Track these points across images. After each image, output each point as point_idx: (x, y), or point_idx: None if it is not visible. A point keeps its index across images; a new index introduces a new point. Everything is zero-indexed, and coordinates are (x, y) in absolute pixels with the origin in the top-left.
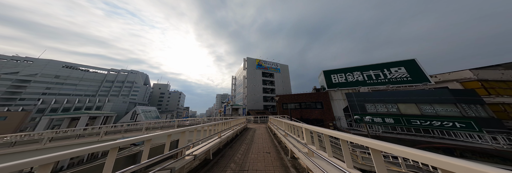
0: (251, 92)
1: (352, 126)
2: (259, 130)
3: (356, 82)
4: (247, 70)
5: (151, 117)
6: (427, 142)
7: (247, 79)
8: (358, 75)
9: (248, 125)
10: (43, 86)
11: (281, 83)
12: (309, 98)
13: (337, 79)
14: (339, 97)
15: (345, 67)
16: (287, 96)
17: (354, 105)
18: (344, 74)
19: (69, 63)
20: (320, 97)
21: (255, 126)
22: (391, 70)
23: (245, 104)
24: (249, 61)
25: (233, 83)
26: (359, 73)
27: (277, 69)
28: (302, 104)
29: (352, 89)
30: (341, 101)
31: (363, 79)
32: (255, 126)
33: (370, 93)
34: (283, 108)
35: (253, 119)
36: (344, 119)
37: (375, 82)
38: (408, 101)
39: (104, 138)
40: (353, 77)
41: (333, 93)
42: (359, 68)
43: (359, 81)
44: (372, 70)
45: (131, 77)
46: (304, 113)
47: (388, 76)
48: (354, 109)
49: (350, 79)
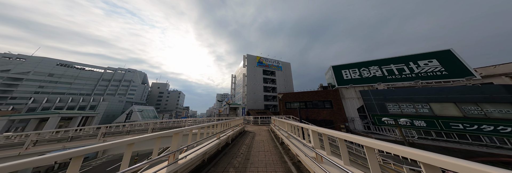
0: (251, 90)
1: (369, 129)
2: (259, 136)
3: (373, 78)
4: (247, 68)
5: (148, 116)
6: (489, 154)
7: (247, 77)
8: (375, 70)
9: (246, 127)
10: (35, 84)
11: (283, 82)
12: (316, 96)
13: (349, 75)
14: (352, 95)
15: (359, 62)
16: (291, 94)
17: (372, 104)
18: (357, 69)
19: (63, 61)
20: (329, 95)
21: (255, 128)
22: (419, 63)
23: (245, 103)
24: (249, 59)
25: (233, 82)
26: (376, 68)
27: (278, 67)
28: (308, 103)
29: (368, 86)
30: (354, 99)
31: (382, 75)
32: (255, 129)
33: (392, 91)
34: (286, 108)
35: (252, 119)
36: (358, 120)
37: (398, 78)
38: (444, 99)
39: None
40: (369, 72)
41: (344, 90)
42: (377, 62)
43: (377, 77)
44: (394, 64)
45: (129, 76)
46: (311, 113)
47: (415, 71)
48: (372, 109)
49: (366, 75)
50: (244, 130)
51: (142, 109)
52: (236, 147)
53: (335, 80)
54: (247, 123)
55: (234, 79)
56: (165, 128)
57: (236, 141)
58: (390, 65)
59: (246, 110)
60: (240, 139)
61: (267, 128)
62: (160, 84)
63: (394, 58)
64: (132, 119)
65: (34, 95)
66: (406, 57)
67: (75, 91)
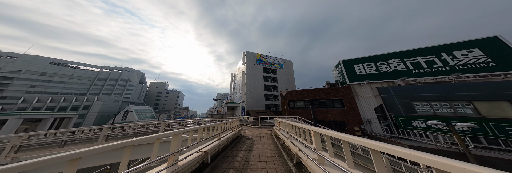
0: (251, 89)
1: (391, 132)
2: (260, 145)
3: (394, 73)
4: (247, 65)
5: (145, 117)
6: None
7: (246, 75)
8: (397, 64)
9: (244, 130)
10: (27, 84)
11: (285, 81)
12: (324, 94)
13: (363, 70)
14: (367, 92)
15: (376, 55)
16: (295, 92)
17: (394, 103)
18: (373, 63)
19: (57, 60)
20: (339, 92)
21: (254, 131)
22: (454, 54)
23: (244, 102)
24: (249, 56)
25: (232, 81)
26: (398, 61)
27: (280, 65)
28: (314, 102)
29: (388, 82)
30: (371, 98)
31: (406, 69)
32: (254, 133)
33: (421, 87)
34: (290, 107)
35: (251, 120)
36: (376, 122)
37: (428, 72)
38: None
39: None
40: (389, 66)
41: (358, 87)
42: (398, 54)
43: (400, 72)
44: (422, 56)
45: (126, 75)
46: (318, 113)
47: (450, 63)
48: (394, 109)
49: (384, 69)
50: (239, 134)
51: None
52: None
53: (346, 76)
54: (246, 124)
55: (233, 78)
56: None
57: (224, 156)
58: (416, 58)
59: (245, 109)
60: (230, 152)
61: (269, 131)
62: (159, 84)
63: (421, 50)
64: (128, 119)
65: (25, 94)
66: (436, 47)
67: (69, 91)
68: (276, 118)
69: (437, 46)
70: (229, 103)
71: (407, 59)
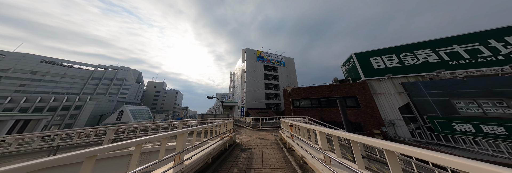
0: (250, 87)
1: (425, 137)
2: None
3: (423, 66)
4: (247, 62)
5: (142, 117)
6: None
7: (246, 73)
8: (427, 55)
9: (241, 135)
10: (16, 83)
11: (286, 79)
12: (334, 91)
13: (382, 63)
14: (388, 89)
15: (398, 45)
16: (300, 90)
17: (425, 101)
18: (395, 55)
19: (49, 58)
20: (352, 89)
21: (254, 137)
22: (508, 40)
23: (244, 102)
24: (248, 53)
25: (232, 80)
26: (428, 51)
27: (281, 63)
28: (322, 101)
29: (416, 76)
30: (393, 95)
31: (440, 60)
32: (254, 138)
33: (463, 81)
34: (294, 106)
35: (251, 122)
36: (402, 124)
37: (471, 63)
38: None
39: None
40: (417, 58)
41: (376, 83)
42: (428, 43)
43: (432, 64)
44: (460, 44)
45: (121, 74)
46: (327, 113)
47: (503, 51)
48: (426, 109)
49: (410, 61)
50: (234, 141)
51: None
52: None
53: (361, 71)
54: (245, 126)
55: (233, 77)
56: None
57: None
58: (453, 47)
59: (245, 109)
60: None
61: (273, 136)
62: (157, 83)
63: (460, 37)
64: (123, 119)
65: (14, 94)
66: (481, 33)
67: (61, 90)
68: (283, 119)
69: (482, 32)
70: (226, 102)
71: (440, 49)
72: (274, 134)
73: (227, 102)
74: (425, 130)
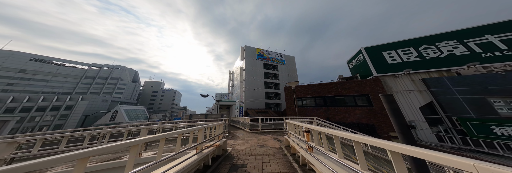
0: (250, 86)
1: (456, 142)
2: None
3: (449, 59)
4: (246, 60)
5: (137, 117)
6: None
7: (245, 71)
8: (453, 47)
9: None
10: (3, 81)
11: (287, 78)
12: (342, 89)
13: (398, 58)
14: (406, 86)
15: (417, 37)
16: (302, 88)
17: (454, 100)
18: (413, 48)
19: (39, 56)
20: (363, 87)
21: (253, 142)
22: None
23: (243, 101)
24: (247, 51)
25: (230, 79)
26: (454, 43)
27: (282, 61)
28: (328, 99)
29: (440, 71)
30: (412, 93)
31: (470, 52)
32: (252, 145)
33: (502, 76)
34: (297, 105)
35: (249, 123)
36: (424, 126)
37: (508, 54)
38: None
39: None
40: (440, 51)
41: (390, 80)
42: (454, 34)
43: (459, 57)
44: (494, 34)
45: (116, 73)
46: (334, 113)
47: None
48: (455, 108)
49: (432, 54)
50: (223, 151)
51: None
52: None
53: (372, 66)
54: (242, 127)
55: (231, 76)
56: None
57: None
58: (485, 37)
59: (243, 109)
60: None
61: (276, 142)
62: (154, 83)
63: (494, 25)
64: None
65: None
66: None
67: (53, 89)
68: (288, 120)
69: None
70: (223, 101)
71: (469, 40)
72: (277, 138)
73: (224, 100)
74: (454, 134)
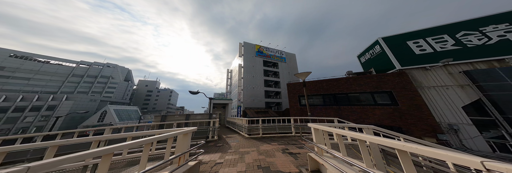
0: (248, 84)
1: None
2: None
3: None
4: (244, 57)
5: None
6: None
7: (243, 68)
8: (505, 31)
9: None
10: None
11: (287, 76)
12: (356, 85)
13: (428, 47)
14: (441, 81)
15: (452, 23)
16: (308, 84)
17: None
18: (448, 35)
19: (20, 53)
20: (384, 82)
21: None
22: None
23: (241, 100)
24: (246, 47)
25: (228, 77)
26: (506, 26)
27: (282, 59)
28: (340, 97)
29: (489, 61)
30: (451, 89)
31: None
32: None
33: None
34: (301, 104)
35: (246, 125)
36: (471, 130)
37: None
38: None
39: None
40: (487, 36)
41: (419, 74)
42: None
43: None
44: None
45: (107, 71)
46: (346, 113)
47: None
48: None
49: (476, 42)
50: None
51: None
52: None
53: (395, 58)
54: (238, 130)
55: (229, 74)
56: None
57: None
58: None
59: (242, 109)
60: None
61: (289, 158)
62: (149, 82)
63: None
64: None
65: None
66: None
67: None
68: (315, 125)
69: None
70: (216, 99)
71: None
72: (288, 149)
73: (218, 98)
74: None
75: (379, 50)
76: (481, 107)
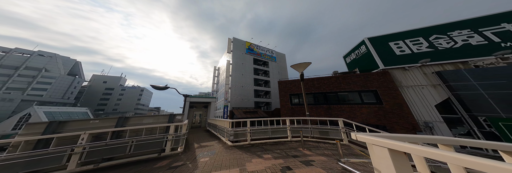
0: (237, 83)
1: (482, 148)
2: None
3: (464, 50)
4: (234, 54)
5: None
6: None
7: (232, 65)
8: (467, 36)
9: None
10: None
11: (277, 75)
12: (345, 83)
13: (407, 49)
14: (418, 80)
15: (426, 27)
16: (298, 82)
17: (478, 96)
18: (422, 38)
19: None
20: (370, 81)
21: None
22: None
23: (228, 99)
24: (236, 43)
25: (215, 75)
26: (468, 32)
27: (272, 58)
28: (330, 96)
29: (455, 63)
30: (426, 88)
31: (488, 42)
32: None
33: None
34: (292, 103)
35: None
36: (442, 127)
37: None
38: None
39: None
40: (453, 40)
41: (399, 73)
42: (467, 23)
43: (476, 46)
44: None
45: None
46: (336, 112)
47: None
48: (479, 106)
49: (445, 45)
50: None
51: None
52: None
53: (379, 58)
54: (220, 135)
55: (217, 72)
56: None
57: None
58: (502, 25)
59: (229, 109)
60: None
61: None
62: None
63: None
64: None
65: None
66: None
67: None
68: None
69: None
70: (196, 96)
71: (485, 29)
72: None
73: (197, 96)
74: (481, 137)
75: (365, 50)
76: (450, 106)
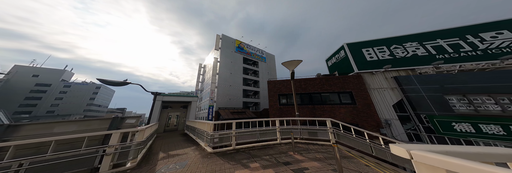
0: (225, 82)
1: (425, 140)
2: None
3: (413, 59)
4: (222, 51)
5: None
6: None
7: (220, 63)
8: (415, 48)
9: None
10: None
11: (267, 76)
12: (328, 85)
13: (375, 55)
14: (381, 83)
15: (388, 37)
16: (287, 82)
17: (420, 98)
18: (386, 47)
19: None
20: (347, 83)
21: None
22: (482, 36)
23: (214, 99)
24: (225, 40)
25: (200, 73)
26: (416, 44)
27: (262, 58)
28: (315, 97)
29: (407, 70)
30: (386, 91)
31: (428, 53)
32: None
33: (453, 76)
34: (280, 104)
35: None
36: (397, 124)
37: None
38: None
39: None
40: (406, 51)
41: (368, 77)
42: (415, 37)
43: (421, 57)
44: (443, 38)
45: None
46: (319, 111)
47: (480, 47)
48: (421, 106)
49: (401, 54)
50: None
51: None
52: None
53: (354, 62)
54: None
55: (202, 69)
56: None
57: None
58: (437, 41)
59: (214, 109)
60: None
61: None
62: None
63: (441, 32)
64: None
65: None
66: (459, 29)
67: None
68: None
69: (459, 28)
70: (171, 95)
71: (427, 43)
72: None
73: (172, 95)
74: (422, 131)
75: (344, 55)
76: (402, 105)
